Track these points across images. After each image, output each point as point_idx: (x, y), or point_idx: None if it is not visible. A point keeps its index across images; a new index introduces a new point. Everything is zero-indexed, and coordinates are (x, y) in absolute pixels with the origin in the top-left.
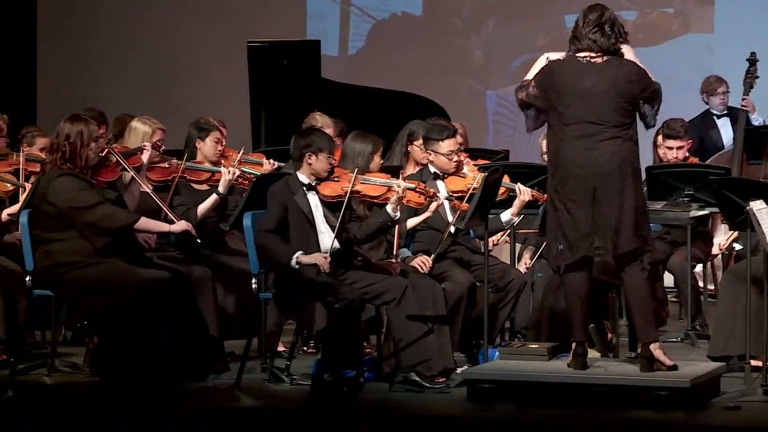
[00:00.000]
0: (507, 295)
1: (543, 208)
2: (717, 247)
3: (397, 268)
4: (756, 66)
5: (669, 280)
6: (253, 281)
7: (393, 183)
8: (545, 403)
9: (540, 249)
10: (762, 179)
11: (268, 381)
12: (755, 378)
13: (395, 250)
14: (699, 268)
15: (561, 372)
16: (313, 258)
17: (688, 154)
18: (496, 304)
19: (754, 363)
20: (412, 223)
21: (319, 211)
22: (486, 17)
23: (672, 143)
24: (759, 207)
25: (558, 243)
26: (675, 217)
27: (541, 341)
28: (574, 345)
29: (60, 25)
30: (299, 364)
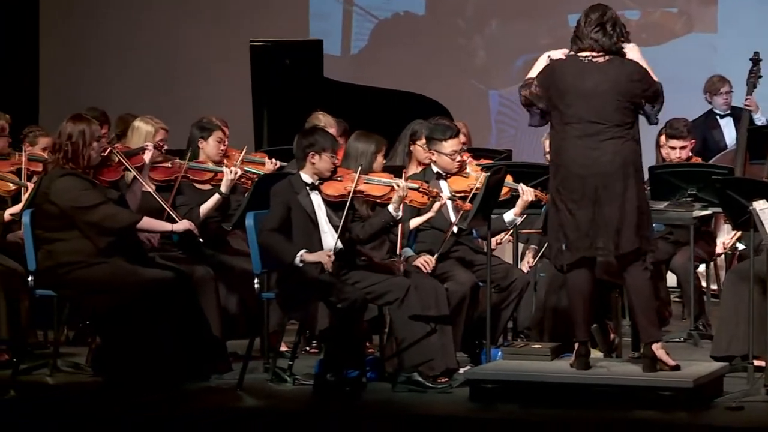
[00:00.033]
0: (510, 295)
1: (546, 208)
2: (721, 246)
3: (401, 267)
4: (759, 66)
5: (672, 280)
6: (256, 281)
7: (396, 183)
8: (548, 404)
9: (542, 249)
10: (765, 179)
11: (270, 381)
12: (758, 378)
13: (399, 249)
14: (702, 268)
15: (564, 372)
16: (318, 256)
17: (691, 153)
18: (498, 304)
19: (757, 363)
20: (415, 223)
21: (322, 211)
22: (489, 17)
23: (675, 143)
24: (762, 207)
25: (559, 243)
26: (678, 217)
27: (544, 341)
28: (576, 345)
29: (62, 25)
30: (302, 364)
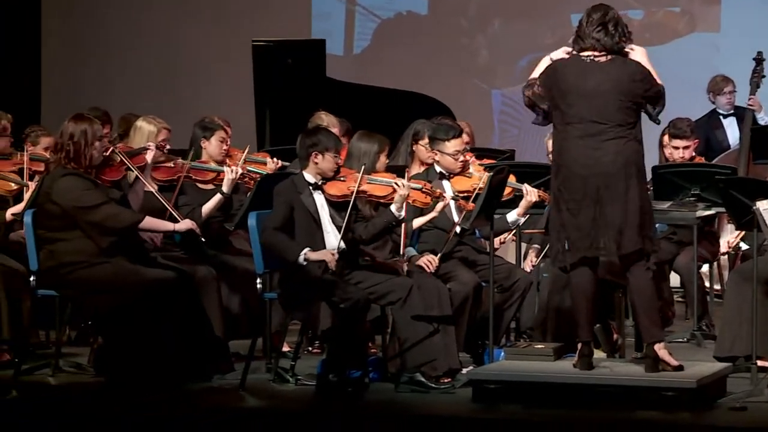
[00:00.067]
0: (512, 296)
1: (548, 207)
2: (726, 245)
3: (404, 267)
4: (762, 65)
5: (675, 280)
6: (258, 281)
7: (399, 183)
8: (551, 404)
9: (545, 248)
10: None
11: (272, 381)
12: (762, 378)
13: (402, 249)
14: (705, 268)
15: (567, 372)
16: (322, 254)
17: (694, 153)
18: (501, 304)
19: (760, 363)
20: (417, 223)
21: (325, 211)
22: (492, 16)
23: (678, 143)
24: (765, 207)
25: (561, 243)
26: (681, 217)
27: (547, 341)
28: (579, 345)
29: (64, 25)
30: (304, 364)
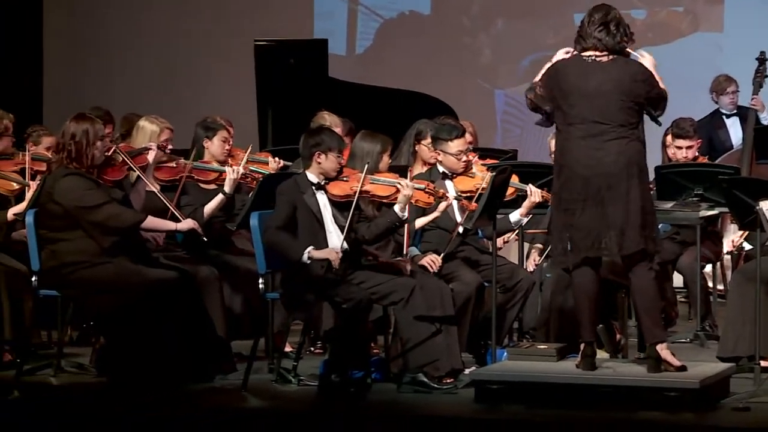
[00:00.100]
0: (515, 296)
1: (551, 207)
2: (730, 244)
3: (408, 266)
4: (765, 65)
5: (678, 280)
6: (260, 281)
7: (402, 183)
8: (554, 404)
9: (548, 248)
10: None
11: (275, 381)
12: (765, 379)
13: (405, 249)
14: (708, 268)
15: (570, 373)
16: (325, 253)
17: (697, 153)
18: (504, 304)
19: (763, 364)
20: (420, 223)
21: (328, 211)
22: (495, 16)
23: (681, 143)
24: None
25: (563, 243)
26: (684, 217)
27: (550, 342)
28: (582, 345)
29: (66, 25)
30: (306, 364)
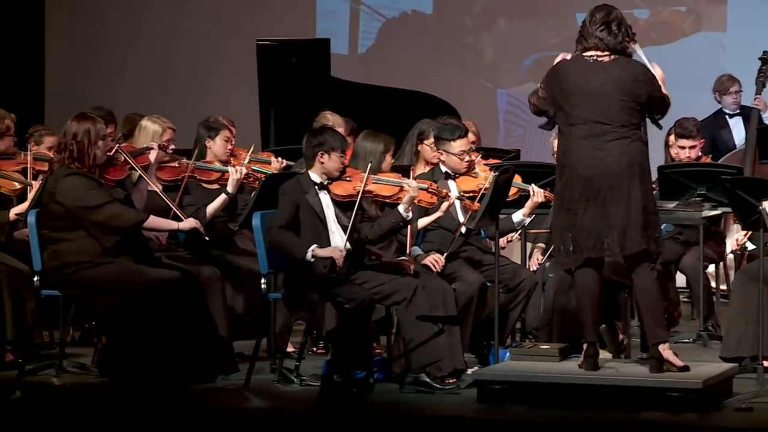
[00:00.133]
0: (518, 296)
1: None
2: (735, 242)
3: (411, 266)
4: None
5: (681, 280)
6: (263, 281)
7: (405, 183)
8: (556, 404)
9: (551, 247)
10: None
11: (277, 382)
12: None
13: (408, 249)
14: (711, 268)
15: (572, 373)
16: (329, 251)
17: (700, 153)
18: (506, 304)
19: (766, 364)
20: (423, 223)
21: (331, 211)
22: (497, 15)
23: (684, 143)
24: None
25: (565, 244)
26: (687, 217)
27: (552, 342)
28: (585, 346)
29: (67, 25)
30: (309, 364)
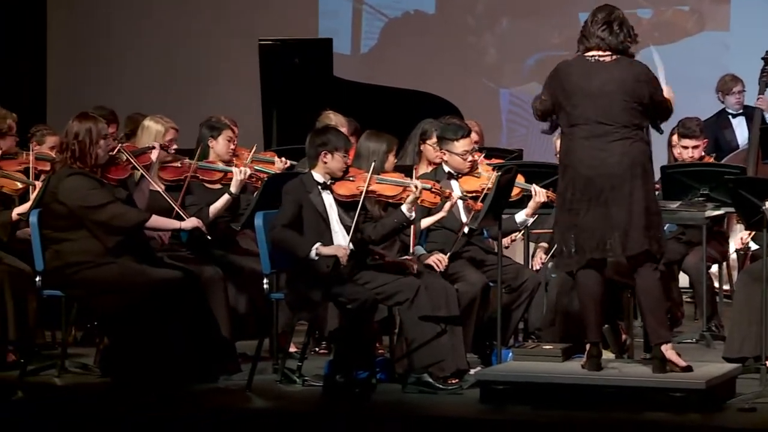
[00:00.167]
0: (521, 296)
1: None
2: (739, 241)
3: (414, 265)
4: None
5: (684, 280)
6: (265, 281)
7: (409, 183)
8: (559, 405)
9: (553, 247)
10: None
11: (279, 382)
12: None
13: (411, 249)
14: (714, 268)
15: (575, 373)
16: (334, 249)
17: (703, 153)
18: (509, 304)
19: None
20: (425, 223)
21: (334, 211)
22: (499, 15)
23: (687, 142)
24: None
25: (568, 244)
26: (690, 217)
27: (555, 342)
28: (588, 346)
29: (69, 24)
30: (311, 365)
